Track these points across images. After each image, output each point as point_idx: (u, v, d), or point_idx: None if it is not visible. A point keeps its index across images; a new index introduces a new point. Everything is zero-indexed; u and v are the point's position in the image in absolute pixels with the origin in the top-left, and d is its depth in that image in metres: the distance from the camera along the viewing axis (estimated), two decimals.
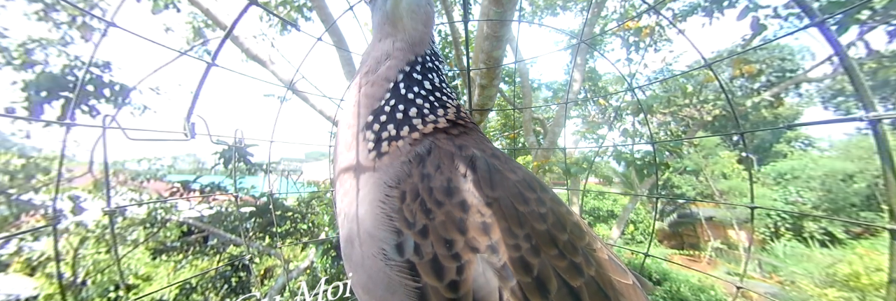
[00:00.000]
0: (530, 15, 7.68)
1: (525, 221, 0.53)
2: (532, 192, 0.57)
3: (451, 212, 0.52)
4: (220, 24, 3.48)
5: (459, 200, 0.53)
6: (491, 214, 0.52)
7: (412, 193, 0.54)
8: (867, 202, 10.23)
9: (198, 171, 9.15)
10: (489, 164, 0.59)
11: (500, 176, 0.57)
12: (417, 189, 0.54)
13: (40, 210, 4.64)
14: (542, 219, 0.54)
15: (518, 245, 0.50)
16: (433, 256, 0.49)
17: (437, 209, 0.52)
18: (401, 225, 0.52)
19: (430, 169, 0.57)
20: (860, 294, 5.05)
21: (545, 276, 0.49)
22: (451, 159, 0.58)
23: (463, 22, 1.58)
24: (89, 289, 5.00)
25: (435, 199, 0.53)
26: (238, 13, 0.87)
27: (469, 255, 0.49)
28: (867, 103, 0.62)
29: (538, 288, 0.48)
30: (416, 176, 0.56)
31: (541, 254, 0.50)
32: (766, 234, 10.35)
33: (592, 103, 8.62)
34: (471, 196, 0.53)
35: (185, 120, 0.85)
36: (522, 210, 0.54)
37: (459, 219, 0.51)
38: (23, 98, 4.04)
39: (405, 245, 0.51)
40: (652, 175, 7.47)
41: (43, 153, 5.40)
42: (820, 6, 3.10)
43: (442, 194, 0.53)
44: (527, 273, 0.48)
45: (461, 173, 0.56)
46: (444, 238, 0.50)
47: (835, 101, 15.36)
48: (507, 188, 0.56)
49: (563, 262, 0.51)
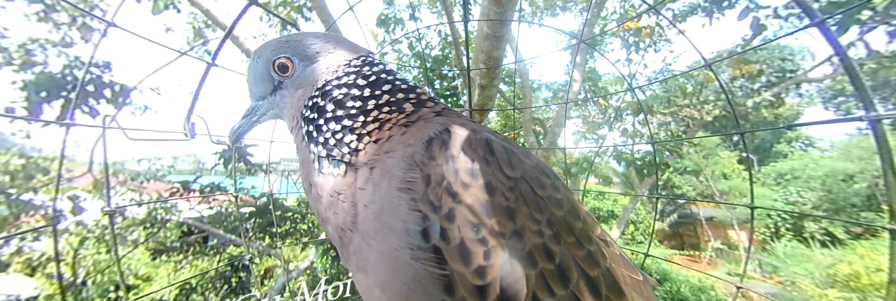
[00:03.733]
0: (530, 15, 7.69)
1: (545, 207, 0.52)
2: (547, 177, 0.57)
3: (477, 195, 0.50)
4: (220, 24, 3.49)
5: (485, 182, 0.51)
6: (514, 198, 0.51)
7: (437, 176, 0.52)
8: (867, 202, 10.23)
9: (198, 171, 9.17)
10: (505, 147, 0.58)
11: (517, 159, 0.56)
12: (443, 171, 0.52)
13: (40, 210, 4.64)
14: (559, 205, 0.54)
15: (541, 231, 0.49)
16: (460, 241, 0.48)
17: (463, 191, 0.50)
18: (426, 209, 0.51)
19: (455, 150, 0.55)
20: (861, 294, 5.05)
21: (566, 264, 0.49)
22: (469, 142, 0.57)
23: (463, 22, 1.58)
24: (89, 289, 5.00)
25: (461, 180, 0.51)
26: (238, 13, 0.87)
27: (496, 240, 0.48)
28: (867, 103, 0.62)
29: (560, 276, 0.48)
30: (441, 157, 0.54)
31: (561, 241, 0.50)
32: (767, 234, 10.34)
33: (592, 103, 8.63)
34: (493, 178, 0.52)
35: (186, 120, 0.85)
36: (541, 194, 0.53)
37: (486, 201, 0.50)
38: (23, 98, 4.04)
39: (431, 230, 0.50)
40: (652, 175, 7.47)
41: (43, 153, 5.40)
42: (820, 6, 3.10)
43: (468, 175, 0.52)
44: (550, 260, 0.48)
45: (481, 155, 0.55)
46: (471, 222, 0.49)
47: (835, 101, 15.36)
48: (525, 171, 0.55)
49: (581, 251, 0.51)
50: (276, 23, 5.40)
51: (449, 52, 6.04)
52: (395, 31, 5.95)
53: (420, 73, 5.94)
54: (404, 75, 0.76)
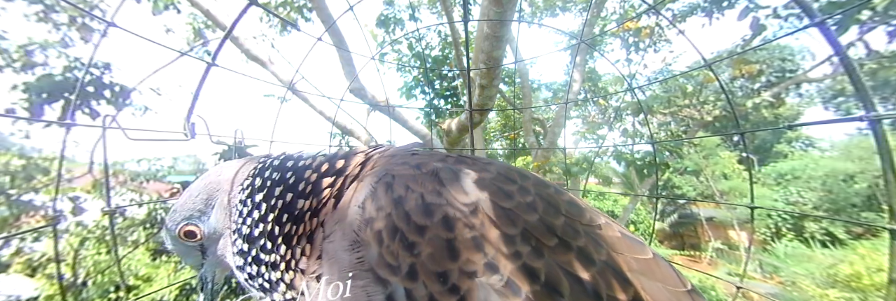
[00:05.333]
0: (530, 15, 7.69)
1: (516, 218, 0.49)
2: (512, 183, 0.53)
3: (437, 235, 0.46)
4: (220, 24, 3.49)
5: (441, 218, 0.47)
6: (479, 224, 0.47)
7: (389, 229, 0.48)
8: (868, 202, 10.21)
9: (198, 171, 9.16)
10: (456, 171, 0.54)
11: (473, 179, 0.52)
12: (393, 221, 0.48)
13: (40, 210, 4.65)
14: (530, 208, 0.50)
15: (517, 252, 0.46)
16: (429, 297, 0.45)
17: (420, 239, 0.46)
18: (385, 274, 0.47)
19: (401, 191, 0.51)
20: (862, 294, 5.04)
21: (554, 279, 0.45)
22: (414, 179, 0.52)
23: (463, 22, 1.58)
24: (90, 289, 4.99)
25: (415, 224, 0.47)
26: (238, 14, 0.87)
27: (467, 284, 0.44)
28: (867, 103, 0.62)
29: (550, 294, 0.44)
30: (388, 204, 0.50)
31: (543, 253, 0.46)
32: (767, 234, 10.34)
33: (592, 104, 8.63)
34: (452, 210, 0.48)
35: (186, 120, 0.85)
36: (508, 206, 0.50)
37: (447, 241, 0.46)
38: (23, 99, 4.04)
39: (395, 295, 0.46)
40: (652, 175, 7.47)
41: (43, 154, 5.40)
42: (820, 6, 3.10)
43: (421, 216, 0.48)
44: (534, 281, 0.44)
45: (431, 189, 0.51)
46: (436, 272, 0.45)
47: (835, 101, 15.35)
48: (485, 188, 0.51)
49: (569, 253, 0.47)
50: (276, 23, 5.41)
51: (449, 53, 6.04)
52: (395, 32, 5.96)
53: (420, 74, 5.94)
54: (305, 153, 0.69)
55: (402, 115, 3.87)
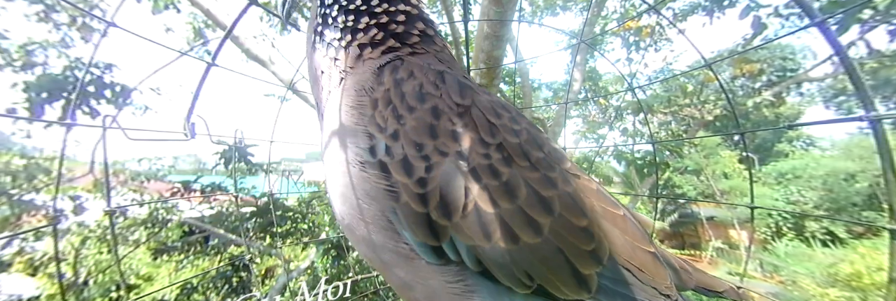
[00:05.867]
0: (530, 15, 7.68)
1: (497, 133, 0.53)
2: (506, 111, 0.57)
3: (423, 117, 0.52)
4: (220, 24, 3.49)
5: (431, 106, 0.53)
6: (462, 124, 0.52)
7: (384, 100, 0.55)
8: (869, 202, 10.19)
9: (199, 171, 9.17)
10: (459, 80, 0.58)
11: (471, 92, 0.57)
12: (389, 96, 0.55)
13: (41, 210, 4.65)
14: (515, 133, 0.54)
15: (488, 154, 0.51)
16: (403, 157, 0.50)
17: (408, 115, 0.52)
18: (373, 130, 0.54)
19: (403, 74, 0.57)
20: (862, 294, 5.04)
21: (514, 183, 0.49)
22: (421, 69, 0.58)
23: (463, 22, 1.58)
24: (91, 289, 5.00)
25: (407, 104, 0.53)
26: (238, 13, 0.87)
27: (438, 158, 0.50)
28: (868, 103, 0.62)
29: (506, 192, 0.48)
30: (389, 82, 0.56)
31: (512, 165, 0.51)
32: (768, 233, 10.32)
33: (593, 103, 8.62)
34: (442, 103, 0.54)
35: (186, 120, 0.85)
36: (494, 121, 0.54)
37: (430, 124, 0.52)
38: (24, 99, 4.05)
39: (377, 147, 0.52)
40: (652, 175, 7.46)
41: (44, 154, 5.40)
42: (820, 6, 3.10)
43: (414, 99, 0.54)
44: (494, 177, 0.49)
45: (432, 81, 0.56)
46: (415, 141, 0.51)
47: (836, 100, 15.32)
48: (479, 102, 0.56)
49: (535, 173, 0.51)
50: (277, 23, 5.40)
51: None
52: None
53: None
54: None
55: None
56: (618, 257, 0.51)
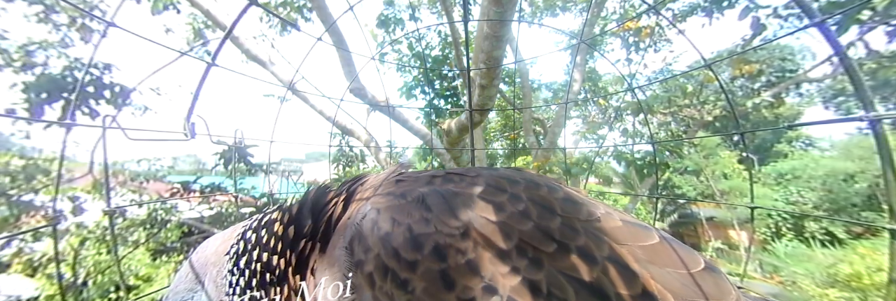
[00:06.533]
0: (530, 15, 7.69)
1: (510, 230, 0.47)
2: (502, 194, 0.52)
3: (430, 269, 0.45)
4: (219, 24, 3.49)
5: (432, 248, 0.46)
6: (472, 247, 0.46)
7: (379, 270, 0.47)
8: (868, 202, 10.21)
9: (198, 171, 9.16)
10: (444, 193, 0.52)
11: (461, 199, 0.51)
12: (382, 261, 0.47)
13: (41, 211, 4.65)
14: (524, 216, 0.49)
15: (515, 267, 0.44)
16: None
17: (412, 275, 0.45)
18: None
19: (386, 227, 0.49)
20: (862, 294, 5.04)
21: (558, 286, 0.44)
22: (399, 210, 0.51)
23: (463, 22, 1.58)
24: (90, 289, 5.00)
25: (405, 260, 0.46)
26: (238, 14, 0.87)
27: None
28: (867, 103, 0.62)
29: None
30: (375, 243, 0.48)
31: (543, 263, 0.45)
32: (767, 234, 10.33)
33: (592, 103, 8.62)
34: (442, 237, 0.47)
35: (185, 120, 0.85)
36: (500, 219, 0.48)
37: (441, 272, 0.44)
38: (23, 99, 4.05)
39: None
40: (652, 175, 7.47)
41: (43, 154, 5.40)
42: (820, 6, 3.10)
43: (410, 250, 0.46)
44: (536, 295, 0.43)
45: (418, 218, 0.49)
46: None
47: (835, 100, 15.34)
48: (474, 206, 0.50)
49: (568, 257, 0.46)
50: (276, 23, 5.41)
51: (449, 53, 6.04)
52: (395, 32, 5.96)
53: (420, 74, 5.94)
54: (273, 208, 0.67)
55: (403, 115, 3.87)
56: None
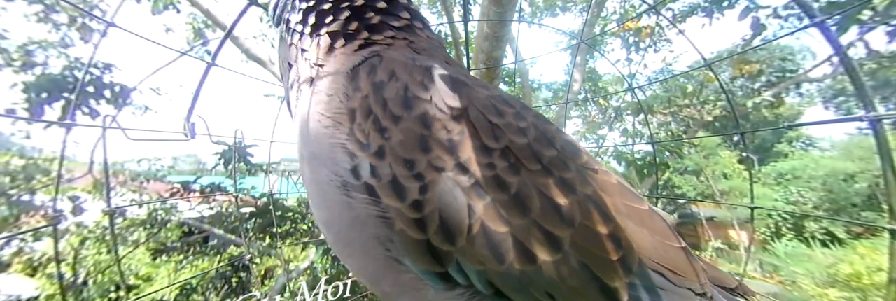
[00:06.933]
0: (530, 15, 7.68)
1: (501, 135, 0.46)
2: (509, 106, 0.51)
3: (411, 128, 0.45)
4: (220, 24, 3.49)
5: (420, 113, 0.46)
6: (459, 130, 0.46)
7: (363, 110, 0.47)
8: (869, 202, 10.21)
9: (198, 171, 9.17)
10: (452, 76, 0.51)
11: (468, 89, 0.50)
12: (369, 104, 0.47)
13: (41, 210, 4.65)
14: (521, 132, 0.48)
15: (492, 163, 0.44)
16: (392, 177, 0.44)
17: (393, 126, 0.45)
18: (353, 147, 0.46)
19: (383, 76, 0.49)
20: (862, 294, 5.04)
21: (525, 193, 0.43)
22: (404, 67, 0.50)
23: (463, 22, 1.58)
24: (90, 289, 5.00)
25: (390, 112, 0.46)
26: (238, 14, 0.87)
27: (433, 175, 0.43)
28: (867, 103, 0.62)
29: (517, 205, 0.42)
30: (366, 86, 0.49)
31: (520, 171, 0.44)
32: (767, 234, 10.33)
33: (592, 103, 8.62)
34: (433, 108, 0.46)
35: (186, 120, 0.85)
36: (497, 121, 0.47)
37: (421, 136, 0.45)
38: (23, 99, 4.05)
39: (361, 168, 0.45)
40: (652, 175, 7.47)
41: (43, 154, 5.40)
42: (820, 6, 3.10)
43: (398, 106, 0.46)
44: (502, 191, 0.43)
45: (418, 81, 0.49)
46: (404, 158, 0.44)
47: (836, 101, 15.34)
48: (477, 100, 0.49)
49: (549, 178, 0.45)
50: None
51: (449, 52, 6.03)
52: None
53: None
54: None
55: None
56: (648, 261, 0.45)
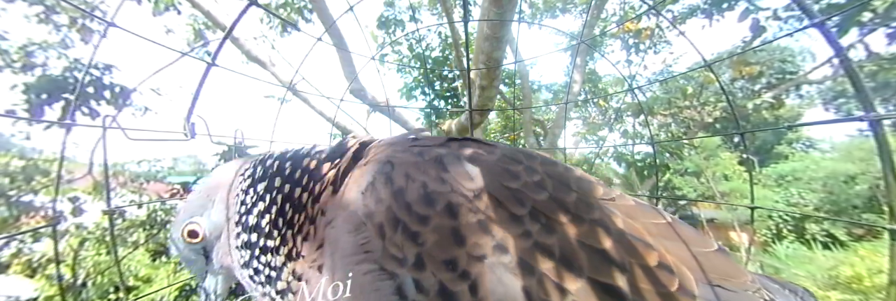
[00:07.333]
0: (530, 16, 7.70)
1: (524, 198, 0.47)
2: (517, 164, 0.52)
3: (441, 224, 0.44)
4: (220, 25, 3.50)
5: (444, 205, 0.46)
6: (485, 207, 0.46)
7: (390, 222, 0.46)
8: (869, 203, 10.19)
9: (198, 172, 9.16)
10: (461, 156, 0.52)
11: (478, 163, 0.51)
12: (394, 214, 0.46)
13: (40, 211, 4.65)
14: (539, 187, 0.49)
15: (527, 231, 0.44)
16: (439, 286, 0.42)
17: (423, 228, 0.45)
18: (391, 266, 0.45)
19: (401, 182, 0.49)
20: (863, 296, 5.02)
21: (569, 251, 0.43)
22: (416, 166, 0.51)
23: (463, 23, 1.58)
24: (89, 290, 4.99)
25: (417, 214, 0.45)
26: (238, 14, 0.87)
27: (477, 268, 0.42)
28: (867, 104, 0.62)
29: (567, 267, 0.42)
30: (388, 196, 0.48)
31: (555, 229, 0.45)
32: (768, 235, 10.31)
33: (592, 104, 8.63)
34: (455, 196, 0.46)
35: (186, 120, 0.85)
36: (515, 187, 0.48)
37: (452, 228, 0.44)
38: (23, 100, 4.05)
39: (405, 287, 0.44)
40: (652, 176, 7.47)
41: (43, 155, 5.40)
42: (819, 8, 3.11)
43: (423, 205, 0.46)
44: (549, 257, 0.42)
45: (434, 176, 0.49)
46: (444, 260, 0.43)
47: (836, 102, 15.34)
48: (490, 171, 0.49)
49: (581, 227, 0.45)
50: (277, 24, 5.42)
51: (449, 53, 6.05)
52: (396, 33, 5.97)
53: (420, 74, 5.95)
54: (307, 147, 0.67)
55: (403, 116, 3.87)
56: (702, 277, 0.45)
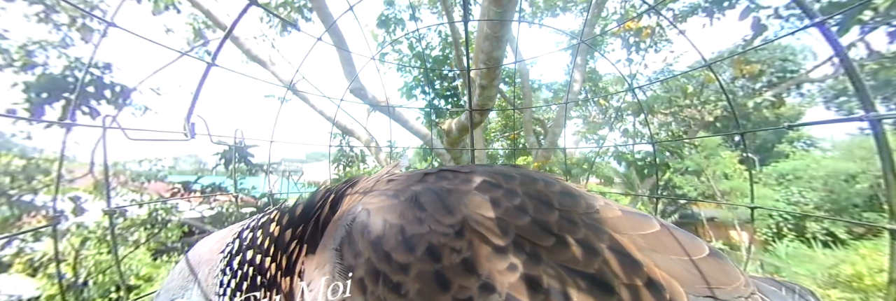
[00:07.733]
0: (530, 15, 7.69)
1: (506, 226, 0.46)
2: (497, 189, 0.51)
3: (423, 270, 0.43)
4: (220, 24, 3.50)
5: (425, 249, 0.44)
6: (467, 245, 0.44)
7: (371, 275, 0.45)
8: (870, 202, 10.19)
9: (199, 171, 9.17)
10: (437, 191, 0.51)
11: (455, 196, 0.50)
12: (373, 265, 0.45)
13: (41, 211, 4.65)
14: (520, 211, 0.48)
15: (513, 264, 0.43)
16: None
17: (405, 277, 0.43)
18: None
19: (378, 230, 0.47)
20: (863, 295, 5.03)
21: (558, 280, 0.43)
22: (393, 210, 0.49)
23: (463, 22, 1.58)
24: (90, 289, 5.00)
25: (397, 263, 0.44)
26: (238, 14, 0.87)
27: None
28: (868, 103, 0.62)
29: (556, 297, 0.42)
30: (365, 248, 0.46)
31: (541, 257, 0.44)
32: (769, 234, 10.32)
33: (593, 104, 8.63)
34: (435, 237, 0.45)
35: (186, 120, 0.85)
36: (496, 215, 0.47)
37: (435, 273, 0.43)
38: (24, 99, 4.06)
39: None
40: (652, 175, 7.47)
41: (44, 154, 5.41)
42: (820, 7, 3.10)
43: (403, 253, 0.45)
44: (537, 291, 0.42)
45: (411, 218, 0.47)
46: None
47: (837, 101, 15.31)
48: (469, 203, 0.48)
49: (567, 250, 0.44)
50: (277, 23, 5.41)
51: (449, 53, 6.04)
52: (396, 32, 5.96)
53: (420, 74, 5.94)
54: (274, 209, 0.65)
55: (403, 116, 3.87)
56: (692, 289, 0.45)
